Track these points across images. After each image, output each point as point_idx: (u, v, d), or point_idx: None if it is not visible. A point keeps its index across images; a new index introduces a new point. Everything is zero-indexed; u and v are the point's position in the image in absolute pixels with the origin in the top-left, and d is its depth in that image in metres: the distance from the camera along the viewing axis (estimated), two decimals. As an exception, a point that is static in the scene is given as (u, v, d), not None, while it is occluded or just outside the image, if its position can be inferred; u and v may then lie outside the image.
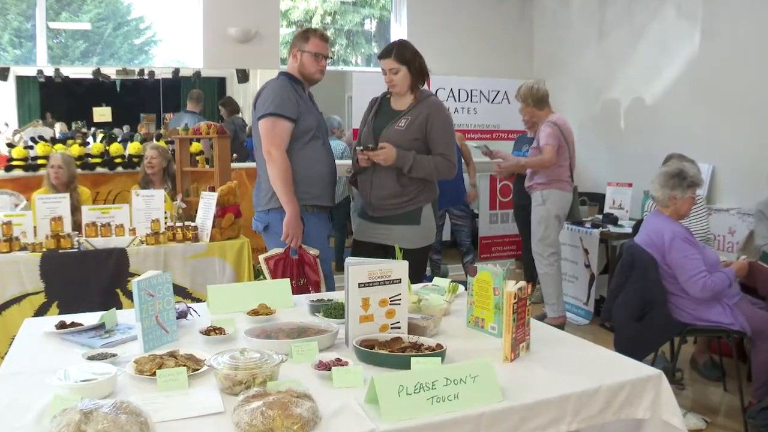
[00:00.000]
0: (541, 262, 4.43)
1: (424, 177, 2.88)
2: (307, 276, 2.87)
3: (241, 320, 1.99)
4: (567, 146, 4.34)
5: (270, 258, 2.84)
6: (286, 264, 2.84)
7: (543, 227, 4.39)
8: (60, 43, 7.18)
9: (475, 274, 1.93)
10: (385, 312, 1.79)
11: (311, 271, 2.86)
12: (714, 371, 3.60)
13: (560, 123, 4.33)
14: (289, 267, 2.84)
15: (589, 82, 6.03)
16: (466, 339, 1.87)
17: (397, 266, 1.80)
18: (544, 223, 4.38)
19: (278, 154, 2.80)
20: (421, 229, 2.92)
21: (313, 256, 2.86)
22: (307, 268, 2.87)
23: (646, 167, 4.86)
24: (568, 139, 4.35)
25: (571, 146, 4.38)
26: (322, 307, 2.07)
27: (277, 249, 2.87)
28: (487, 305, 1.90)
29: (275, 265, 2.82)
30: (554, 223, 4.38)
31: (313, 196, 2.92)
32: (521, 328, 1.70)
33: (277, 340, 1.72)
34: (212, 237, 3.47)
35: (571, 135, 4.40)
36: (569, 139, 4.36)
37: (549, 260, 4.39)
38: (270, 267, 2.83)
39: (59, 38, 7.13)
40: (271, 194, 2.88)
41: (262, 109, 2.84)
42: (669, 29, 5.21)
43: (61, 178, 4.06)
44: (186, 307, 2.06)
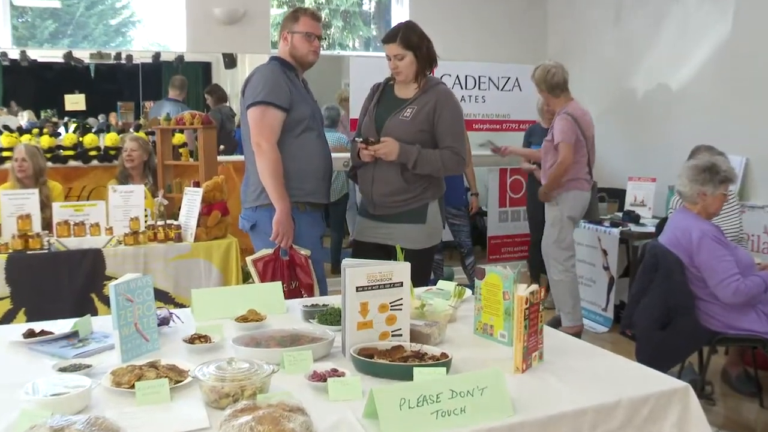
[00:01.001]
0: (556, 268, 4.42)
1: (430, 173, 2.88)
2: (299, 278, 2.87)
3: (229, 327, 2.00)
4: (585, 140, 4.29)
5: (258, 260, 2.84)
6: (276, 266, 2.85)
7: (557, 230, 4.38)
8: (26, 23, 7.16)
9: (483, 277, 1.94)
10: (385, 318, 1.79)
11: (303, 273, 2.87)
12: (748, 385, 3.57)
13: (577, 114, 4.26)
14: (280, 269, 2.84)
15: (608, 68, 6.04)
16: (473, 348, 1.87)
17: (399, 268, 1.80)
18: (558, 225, 4.37)
19: (268, 147, 2.80)
20: (426, 228, 2.92)
21: (304, 257, 2.87)
22: (299, 270, 2.87)
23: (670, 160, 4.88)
24: (586, 133, 4.30)
25: (589, 140, 4.33)
26: (316, 313, 2.08)
27: (265, 250, 2.87)
28: (496, 311, 1.90)
29: (264, 267, 2.83)
30: (569, 224, 4.38)
31: (306, 192, 2.92)
32: (533, 336, 1.71)
33: (268, 349, 1.73)
34: (197, 237, 3.48)
35: (590, 128, 4.34)
36: (587, 133, 4.31)
37: (565, 265, 4.39)
38: (259, 269, 2.83)
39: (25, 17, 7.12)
40: (260, 190, 2.88)
41: (252, 97, 2.85)
42: (694, 9, 5.21)
43: (26, 171, 4.05)
44: (168, 314, 2.07)
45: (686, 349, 3.07)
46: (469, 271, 5.32)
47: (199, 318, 2.14)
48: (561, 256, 4.38)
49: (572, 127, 4.23)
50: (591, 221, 4.81)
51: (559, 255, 4.39)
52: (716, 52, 5.05)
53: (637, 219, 4.78)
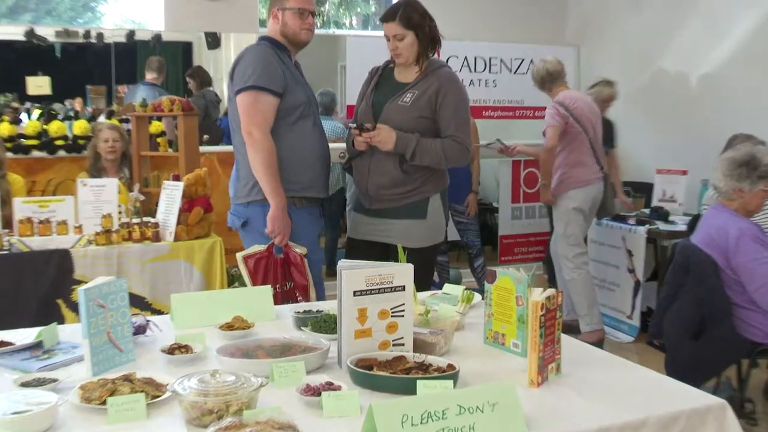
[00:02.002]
0: (566, 266, 4.48)
1: (430, 165, 2.89)
2: (293, 279, 2.89)
3: (212, 336, 2.00)
4: (582, 127, 4.39)
5: (250, 256, 2.86)
6: (269, 264, 2.86)
7: (563, 224, 4.47)
8: (-19, -4, 7.14)
9: (494, 281, 1.94)
10: (385, 326, 1.79)
11: (298, 273, 2.88)
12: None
13: (567, 102, 4.39)
14: (273, 267, 2.86)
15: (635, 49, 6.04)
16: (483, 358, 1.88)
17: (400, 270, 1.80)
18: (564, 218, 4.47)
19: (261, 136, 2.81)
20: (427, 224, 2.94)
21: (300, 255, 2.88)
22: (294, 270, 2.88)
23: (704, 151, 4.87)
24: (582, 120, 4.40)
25: (588, 126, 4.42)
26: (309, 320, 2.08)
27: (259, 246, 2.89)
28: (508, 318, 1.91)
29: (256, 264, 2.85)
30: (576, 217, 4.43)
31: (303, 186, 2.93)
32: (550, 346, 1.71)
33: (256, 360, 1.73)
34: (177, 236, 3.48)
35: (587, 114, 4.43)
36: (583, 119, 4.40)
37: (575, 262, 4.44)
38: (250, 267, 2.85)
39: (-21, -11, 7.09)
40: (252, 184, 2.89)
41: (241, 81, 2.85)
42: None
43: None
44: (145, 321, 2.08)
45: (722, 362, 3.07)
46: (478, 273, 5.32)
47: (179, 326, 2.14)
48: (569, 252, 4.45)
49: (558, 113, 4.36)
50: (614, 218, 4.82)
51: (568, 251, 4.45)
52: (756, 32, 5.04)
53: (666, 216, 4.79)
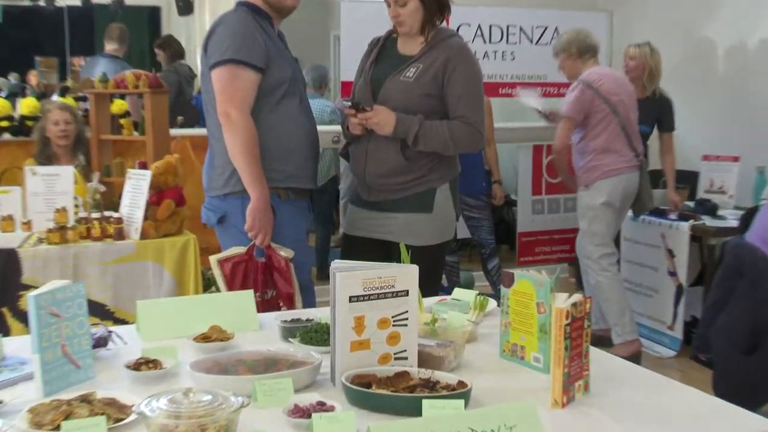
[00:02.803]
0: (592, 268, 4.50)
1: (436, 151, 2.90)
2: (277, 286, 2.89)
3: (185, 349, 2.00)
4: (611, 108, 4.39)
5: (226, 260, 2.86)
6: (248, 269, 2.86)
7: (588, 220, 4.48)
8: None
9: (512, 284, 1.95)
10: (386, 336, 1.80)
11: (282, 279, 2.88)
12: None
13: (592, 79, 4.39)
14: (253, 273, 2.86)
15: (675, 17, 6.03)
16: (499, 375, 1.88)
17: (403, 272, 1.81)
18: (588, 214, 4.47)
19: (240, 117, 2.81)
20: (434, 218, 2.95)
21: (285, 259, 2.88)
22: (277, 276, 2.88)
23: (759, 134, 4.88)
24: (612, 99, 4.40)
25: (619, 106, 4.42)
26: (298, 330, 2.09)
27: (236, 248, 2.89)
28: (528, 328, 1.92)
29: (233, 269, 2.85)
30: (603, 213, 4.44)
31: (288, 175, 2.94)
32: (577, 360, 1.72)
33: (236, 377, 1.74)
34: (144, 233, 3.49)
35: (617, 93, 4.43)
36: (614, 99, 4.40)
37: (601, 263, 4.46)
38: (225, 273, 2.85)
39: None
40: (229, 173, 2.89)
41: (218, 53, 2.85)
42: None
43: None
44: (106, 332, 2.08)
45: (781, 381, 3.07)
46: (492, 276, 5.33)
47: (147, 337, 2.15)
48: (595, 252, 4.46)
49: (585, 100, 4.36)
50: (652, 213, 4.82)
51: (593, 252, 4.47)
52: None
53: (713, 210, 4.79)
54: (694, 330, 4.47)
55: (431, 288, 2.75)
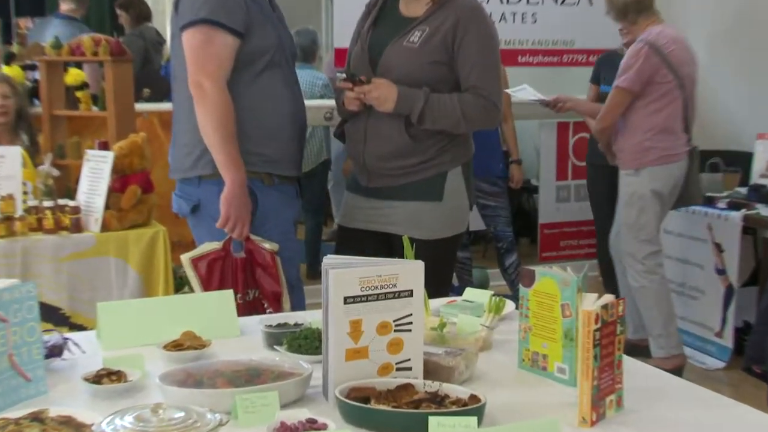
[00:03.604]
0: (634, 269, 4.44)
1: (445, 129, 2.90)
2: (260, 285, 2.89)
3: (154, 358, 2.01)
4: (680, 84, 4.31)
5: (200, 258, 2.85)
6: (225, 267, 2.86)
7: (635, 211, 4.40)
8: None
9: (532, 283, 1.95)
10: (387, 343, 1.80)
11: (267, 276, 2.88)
12: None
13: (661, 42, 4.27)
14: (232, 271, 2.86)
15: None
16: (517, 388, 1.89)
17: (407, 269, 1.81)
18: (637, 204, 4.39)
19: (213, 88, 2.81)
20: (444, 208, 2.95)
21: (270, 252, 2.88)
22: (261, 272, 2.89)
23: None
24: (680, 70, 4.31)
25: (687, 80, 4.35)
26: (285, 337, 2.09)
27: (210, 244, 2.89)
28: (551, 334, 1.92)
29: (209, 268, 2.84)
30: (653, 204, 4.38)
31: (267, 160, 2.94)
32: (608, 372, 1.72)
33: (214, 390, 1.74)
34: (105, 224, 3.49)
35: (686, 62, 4.35)
36: (682, 70, 4.31)
37: (647, 264, 4.41)
38: (201, 273, 2.84)
39: None
40: (199, 152, 2.89)
41: (189, 13, 2.85)
42: None
43: None
44: (61, 339, 2.08)
45: None
46: (510, 274, 5.34)
47: (109, 345, 2.15)
48: (641, 250, 4.40)
49: (648, 61, 4.24)
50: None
51: (638, 249, 4.40)
52: None
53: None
54: (746, 337, 4.46)
55: (439, 288, 2.75)
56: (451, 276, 3.25)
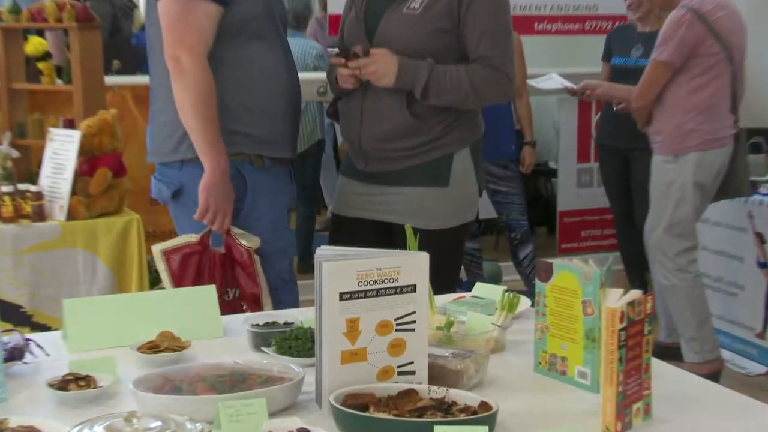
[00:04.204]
0: (664, 265, 4.43)
1: (452, 104, 2.90)
2: (239, 284, 2.90)
3: (127, 361, 2.01)
4: (728, 55, 4.27)
5: (173, 251, 2.86)
6: (202, 263, 2.87)
7: (671, 204, 4.36)
8: None
9: (550, 278, 1.95)
10: (387, 345, 1.81)
11: (245, 276, 2.90)
12: None
13: (706, 8, 4.19)
14: (209, 268, 2.87)
15: None
16: (533, 394, 1.89)
17: (410, 262, 1.81)
18: (674, 196, 4.35)
19: (192, 63, 2.81)
20: (451, 193, 2.95)
21: (248, 250, 2.89)
22: (239, 271, 2.90)
23: None
24: (727, 40, 4.25)
25: (735, 51, 4.30)
26: (274, 337, 2.09)
27: (186, 236, 2.90)
28: (571, 334, 1.92)
29: (183, 263, 2.85)
30: (693, 194, 4.34)
31: (258, 141, 2.94)
32: (635, 376, 1.72)
33: (194, 397, 1.74)
34: (71, 212, 3.48)
35: (735, 32, 4.30)
36: (729, 40, 4.26)
37: (678, 262, 4.39)
38: (173, 268, 2.85)
39: None
40: (182, 133, 2.89)
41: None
42: None
43: None
44: (23, 340, 2.08)
45: None
46: (525, 268, 5.34)
47: (76, 347, 2.15)
48: (673, 247, 4.38)
49: (688, 34, 4.18)
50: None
51: (670, 245, 4.38)
52: None
53: (818, 182, 4.77)
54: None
55: (446, 283, 2.75)
56: (458, 270, 3.25)
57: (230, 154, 2.86)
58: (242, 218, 2.91)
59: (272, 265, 2.99)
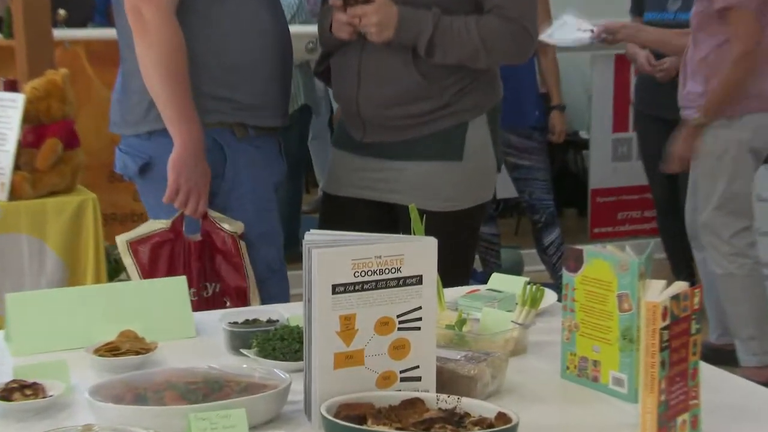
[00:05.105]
0: (719, 250, 4.44)
1: (461, 62, 2.90)
2: (220, 277, 2.91)
3: (82, 366, 2.02)
4: None
5: (141, 241, 2.87)
6: (175, 253, 2.88)
7: (725, 175, 4.38)
8: None
9: (580, 268, 1.96)
10: (388, 346, 1.81)
11: (229, 266, 2.90)
12: None
13: None
14: (184, 259, 2.88)
15: None
16: (560, 404, 1.91)
17: (415, 249, 1.82)
18: (728, 166, 4.37)
19: (156, 17, 2.81)
20: (465, 169, 2.96)
21: (232, 236, 2.90)
22: (221, 261, 2.90)
23: None
24: None
25: None
26: (255, 337, 2.10)
27: (155, 222, 2.91)
28: (604, 333, 1.93)
29: (153, 254, 2.86)
30: (748, 164, 4.37)
31: (240, 106, 2.95)
32: (680, 383, 1.73)
33: (161, 407, 1.75)
34: (14, 191, 3.49)
35: None
36: None
37: (735, 245, 4.41)
38: (141, 260, 2.86)
39: None
40: (151, 100, 2.89)
41: None
42: None
43: None
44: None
45: None
46: (550, 256, 5.35)
47: (21, 350, 2.16)
48: (728, 226, 4.39)
49: None
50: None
51: (725, 225, 4.40)
52: None
53: None
54: None
55: (458, 273, 2.77)
56: (472, 258, 3.26)
57: (208, 123, 2.87)
58: (222, 198, 2.92)
59: (258, 252, 2.99)
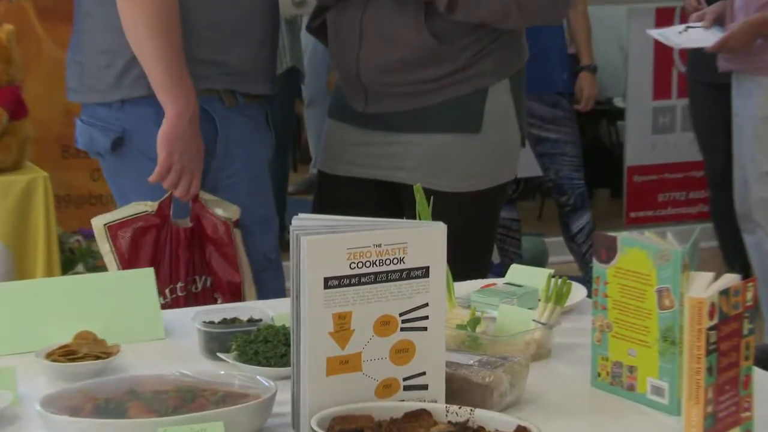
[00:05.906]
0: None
1: (486, 21, 2.90)
2: (212, 269, 2.93)
3: (33, 372, 2.03)
4: None
5: (121, 224, 2.88)
6: (160, 241, 2.90)
7: None
8: None
9: (613, 258, 1.96)
10: (390, 349, 1.82)
11: (221, 257, 2.92)
12: None
13: None
14: (170, 249, 2.90)
15: None
16: (590, 416, 1.91)
17: (422, 236, 1.82)
18: None
19: None
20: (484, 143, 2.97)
21: (225, 222, 2.91)
22: (213, 251, 2.92)
23: None
24: None
25: None
26: (235, 339, 2.11)
27: (138, 204, 2.91)
28: (641, 334, 1.93)
29: (134, 241, 2.87)
30: None
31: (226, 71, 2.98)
32: (730, 392, 1.73)
33: (125, 421, 1.75)
34: (-47, 168, 3.51)
35: None
36: None
37: None
38: (121, 248, 2.87)
39: None
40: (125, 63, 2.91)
41: None
42: None
43: None
44: None
45: None
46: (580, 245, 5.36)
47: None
48: None
49: None
50: None
51: None
52: None
53: None
54: None
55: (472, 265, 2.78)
56: (491, 249, 3.26)
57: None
58: (211, 177, 2.93)
59: (255, 240, 3.01)
